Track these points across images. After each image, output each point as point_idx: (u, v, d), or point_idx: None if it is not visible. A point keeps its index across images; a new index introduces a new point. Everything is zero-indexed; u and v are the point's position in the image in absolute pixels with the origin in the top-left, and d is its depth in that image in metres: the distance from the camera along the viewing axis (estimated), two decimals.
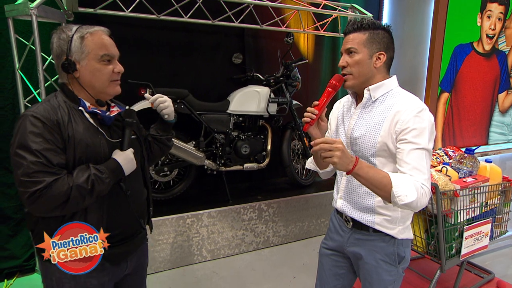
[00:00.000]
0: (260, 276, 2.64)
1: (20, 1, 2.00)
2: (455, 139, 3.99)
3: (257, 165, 3.11)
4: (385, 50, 1.28)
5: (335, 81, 1.30)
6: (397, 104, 1.25)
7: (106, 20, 2.70)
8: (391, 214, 1.31)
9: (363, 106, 1.33)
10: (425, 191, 1.16)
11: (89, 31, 1.16)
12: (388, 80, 1.31)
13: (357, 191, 1.35)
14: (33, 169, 1.03)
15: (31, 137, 1.05)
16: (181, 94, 2.76)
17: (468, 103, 3.97)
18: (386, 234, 1.32)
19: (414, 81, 3.76)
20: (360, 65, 1.27)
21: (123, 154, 1.18)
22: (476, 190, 2.06)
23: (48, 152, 1.06)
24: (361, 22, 1.27)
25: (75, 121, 1.13)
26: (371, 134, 1.27)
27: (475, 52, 3.87)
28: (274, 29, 3.14)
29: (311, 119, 1.28)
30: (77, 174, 1.08)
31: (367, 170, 1.15)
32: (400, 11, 3.84)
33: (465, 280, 2.31)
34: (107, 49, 1.18)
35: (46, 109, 1.10)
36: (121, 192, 1.19)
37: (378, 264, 1.34)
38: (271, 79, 3.11)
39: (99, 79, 1.18)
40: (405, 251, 1.36)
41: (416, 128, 1.18)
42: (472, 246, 2.09)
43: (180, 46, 3.04)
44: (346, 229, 1.42)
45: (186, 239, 2.74)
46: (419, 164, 1.17)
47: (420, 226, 2.07)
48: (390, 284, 1.36)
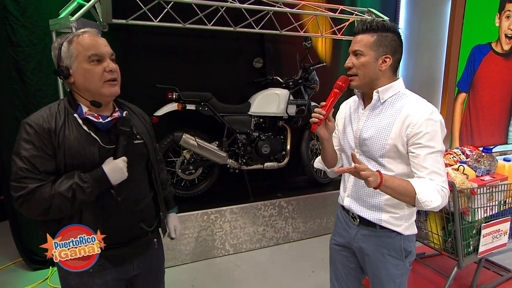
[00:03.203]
0: (280, 269, 2.65)
1: (62, 16, 2.11)
2: (473, 139, 3.87)
3: (277, 164, 3.12)
4: (391, 54, 1.25)
5: (341, 82, 1.30)
6: (407, 106, 1.23)
7: (137, 30, 2.80)
8: (399, 212, 1.30)
9: (372, 107, 1.32)
10: (445, 193, 1.17)
11: (77, 33, 1.12)
12: (395, 82, 1.29)
13: (364, 190, 1.34)
14: (20, 175, 1.04)
15: (23, 144, 1.05)
16: (205, 97, 2.82)
17: (486, 103, 3.84)
18: (393, 230, 1.31)
19: (431, 82, 3.68)
20: (365, 67, 1.25)
21: (113, 164, 1.11)
22: (494, 189, 2.00)
23: (35, 159, 1.05)
24: (371, 23, 1.24)
25: (69, 128, 1.10)
26: (380, 135, 1.26)
27: (493, 52, 3.74)
28: (293, 34, 3.15)
29: (319, 119, 1.28)
30: (61, 182, 1.06)
31: (392, 180, 1.15)
32: (416, 13, 3.76)
33: (483, 278, 2.25)
34: (95, 49, 1.11)
35: (41, 117, 1.09)
36: (112, 199, 1.15)
37: (385, 258, 1.33)
38: (290, 82, 3.12)
39: (91, 80, 1.11)
40: (411, 245, 1.35)
41: (429, 131, 1.17)
42: (490, 244, 2.03)
43: (204, 52, 3.10)
44: (352, 225, 1.41)
45: (210, 233, 2.79)
46: (437, 167, 1.17)
47: (437, 224, 2.03)
48: (397, 278, 1.35)
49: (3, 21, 2.33)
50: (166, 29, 2.76)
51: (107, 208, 1.16)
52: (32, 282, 2.44)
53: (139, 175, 1.25)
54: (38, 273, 2.53)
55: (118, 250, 1.20)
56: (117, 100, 1.25)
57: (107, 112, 1.18)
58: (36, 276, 2.50)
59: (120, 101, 1.28)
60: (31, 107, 2.49)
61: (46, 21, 2.23)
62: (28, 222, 2.56)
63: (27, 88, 2.45)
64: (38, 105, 2.50)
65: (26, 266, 2.59)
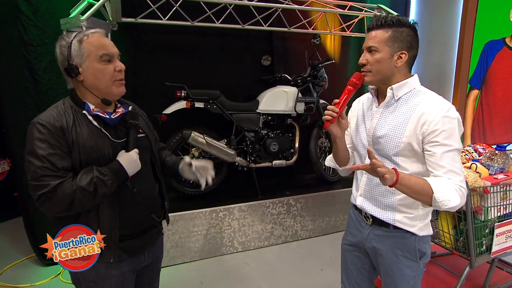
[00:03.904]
0: (289, 267, 2.63)
1: (73, 15, 2.12)
2: (485, 136, 3.78)
3: (286, 162, 3.10)
4: (407, 49, 1.20)
5: (355, 79, 1.26)
6: (422, 104, 1.19)
7: (146, 28, 2.80)
8: (413, 212, 1.26)
9: (386, 105, 1.28)
10: (463, 192, 1.13)
11: (86, 33, 1.14)
12: (411, 78, 1.24)
13: (378, 189, 1.30)
14: (39, 173, 1.05)
15: (37, 143, 1.06)
16: (214, 95, 2.81)
17: (499, 100, 3.75)
18: (407, 231, 1.27)
19: (442, 79, 3.60)
20: (380, 64, 1.21)
21: (127, 156, 1.16)
22: (508, 187, 1.95)
23: (53, 157, 1.06)
24: (385, 18, 1.19)
25: (80, 126, 1.12)
26: (395, 133, 1.22)
27: (507, 48, 3.64)
28: (301, 31, 3.11)
29: (332, 117, 1.25)
30: (81, 177, 1.08)
31: (409, 179, 1.11)
32: (427, 9, 3.68)
33: (496, 278, 2.19)
34: (105, 49, 1.14)
35: (52, 116, 1.11)
36: (128, 190, 1.19)
37: (399, 259, 1.30)
38: (298, 79, 3.09)
39: (102, 79, 1.14)
40: (425, 246, 1.31)
41: (445, 129, 1.13)
42: (504, 244, 1.98)
43: (213, 49, 3.09)
44: (365, 225, 1.38)
45: (219, 231, 2.78)
46: (454, 166, 1.14)
47: (449, 222, 1.99)
48: (412, 279, 1.31)
49: (16, 21, 2.35)
50: (175, 27, 2.76)
51: (123, 201, 1.19)
52: (44, 277, 2.47)
53: (146, 168, 1.28)
54: (50, 268, 2.56)
55: (133, 241, 1.23)
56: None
57: (110, 109, 1.23)
58: (49, 271, 2.53)
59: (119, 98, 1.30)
60: (43, 106, 2.51)
61: (57, 21, 2.24)
62: (40, 218, 2.59)
63: (39, 87, 2.47)
64: (49, 103, 2.47)
65: (39, 261, 2.63)
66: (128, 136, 1.20)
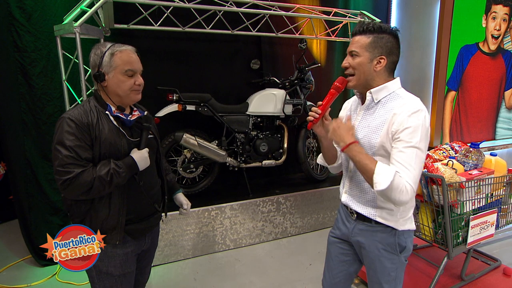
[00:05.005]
0: (279, 263, 2.69)
1: (66, 22, 2.13)
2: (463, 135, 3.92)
3: (275, 162, 3.15)
4: (386, 55, 1.25)
5: (338, 83, 1.31)
6: (397, 106, 1.23)
7: (138, 34, 2.83)
8: (393, 208, 1.29)
9: (366, 108, 1.32)
10: (407, 188, 1.13)
11: (119, 49, 1.29)
12: (390, 82, 1.28)
13: (359, 187, 1.35)
14: (66, 161, 1.18)
15: (66, 135, 1.20)
16: (205, 98, 2.84)
17: (474, 100, 3.89)
18: (387, 225, 1.31)
19: (422, 81, 3.71)
20: (360, 68, 1.26)
21: (139, 153, 1.31)
22: (481, 182, 2.03)
23: (78, 148, 1.20)
24: (368, 25, 1.24)
25: (102, 123, 1.27)
26: (372, 135, 1.26)
27: (481, 52, 3.78)
28: (288, 36, 3.18)
29: (315, 118, 1.31)
30: (100, 168, 1.22)
31: (358, 152, 1.19)
32: (407, 15, 3.80)
33: (472, 267, 2.29)
34: (131, 65, 1.30)
35: (79, 113, 1.25)
36: (135, 183, 1.33)
37: (380, 253, 1.34)
38: (286, 82, 3.15)
39: (122, 89, 1.30)
40: (406, 241, 1.34)
41: (409, 127, 1.16)
42: (478, 235, 2.07)
43: (203, 54, 3.13)
44: (351, 220, 1.42)
45: (211, 229, 2.82)
46: (407, 163, 1.15)
47: (428, 216, 2.07)
48: (392, 271, 1.35)
49: (10, 28, 2.36)
50: (166, 33, 2.79)
51: (131, 191, 1.34)
52: (41, 277, 2.47)
53: (152, 165, 1.42)
54: (46, 269, 2.56)
55: (137, 224, 1.38)
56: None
57: (127, 111, 1.38)
58: (45, 271, 2.53)
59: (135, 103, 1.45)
60: (37, 110, 2.51)
61: (51, 27, 2.25)
62: (36, 220, 2.59)
63: (33, 92, 2.48)
64: (44, 108, 2.53)
65: (35, 262, 2.62)
66: (141, 136, 1.36)
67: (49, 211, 2.62)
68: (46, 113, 2.53)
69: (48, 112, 2.54)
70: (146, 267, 1.59)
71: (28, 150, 2.52)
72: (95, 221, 1.28)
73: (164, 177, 1.55)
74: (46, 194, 2.60)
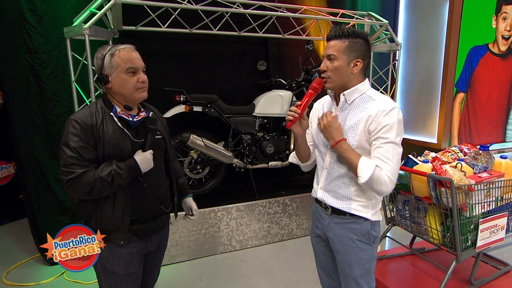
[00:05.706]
0: (285, 265, 2.67)
1: (76, 23, 2.15)
2: (472, 137, 3.84)
3: (281, 163, 3.14)
4: (362, 58, 1.32)
5: (315, 84, 1.36)
6: (370, 107, 1.30)
7: (146, 36, 2.84)
8: (366, 201, 1.37)
9: (341, 109, 1.38)
10: (386, 180, 1.24)
11: (118, 48, 1.29)
12: (360, 84, 1.35)
13: (335, 182, 1.40)
14: (69, 162, 1.21)
15: (71, 136, 1.22)
16: (211, 99, 2.85)
17: (484, 102, 3.81)
18: (361, 216, 1.38)
19: (430, 83, 3.66)
20: (338, 71, 1.32)
21: (142, 155, 1.30)
22: (491, 185, 1.99)
23: (82, 149, 1.22)
24: (343, 30, 1.30)
25: (107, 125, 1.28)
26: (348, 134, 1.33)
27: (491, 53, 3.71)
28: (295, 37, 3.17)
29: (294, 117, 1.35)
30: (102, 169, 1.23)
31: (346, 149, 1.29)
32: (415, 16, 3.75)
33: (481, 271, 2.24)
34: (132, 63, 1.29)
35: (85, 115, 1.27)
36: (139, 184, 1.33)
37: (355, 244, 1.39)
38: (293, 84, 3.14)
39: (126, 88, 1.30)
40: (377, 231, 1.43)
41: (386, 125, 1.25)
42: (488, 239, 2.03)
43: (210, 56, 3.14)
44: (325, 215, 1.46)
45: (217, 230, 2.81)
46: (385, 157, 1.25)
47: (436, 219, 2.03)
48: (367, 263, 1.40)
49: (21, 29, 2.39)
50: (174, 35, 2.80)
51: (135, 192, 1.33)
52: (49, 276, 2.49)
53: (159, 166, 1.42)
54: (55, 267, 2.58)
55: (142, 225, 1.37)
56: (141, 102, 1.42)
57: (134, 112, 1.37)
58: (54, 270, 2.56)
59: (143, 103, 1.44)
60: (47, 111, 2.54)
61: (61, 29, 2.28)
62: (45, 220, 2.62)
63: (43, 93, 2.50)
64: (54, 108, 2.55)
65: (44, 261, 2.65)
66: (146, 137, 1.35)
67: (58, 210, 2.65)
68: (56, 114, 2.56)
69: (58, 112, 2.56)
70: (155, 267, 1.58)
71: (37, 150, 2.55)
72: (100, 220, 1.29)
73: (173, 177, 1.53)
74: (55, 194, 2.62)
